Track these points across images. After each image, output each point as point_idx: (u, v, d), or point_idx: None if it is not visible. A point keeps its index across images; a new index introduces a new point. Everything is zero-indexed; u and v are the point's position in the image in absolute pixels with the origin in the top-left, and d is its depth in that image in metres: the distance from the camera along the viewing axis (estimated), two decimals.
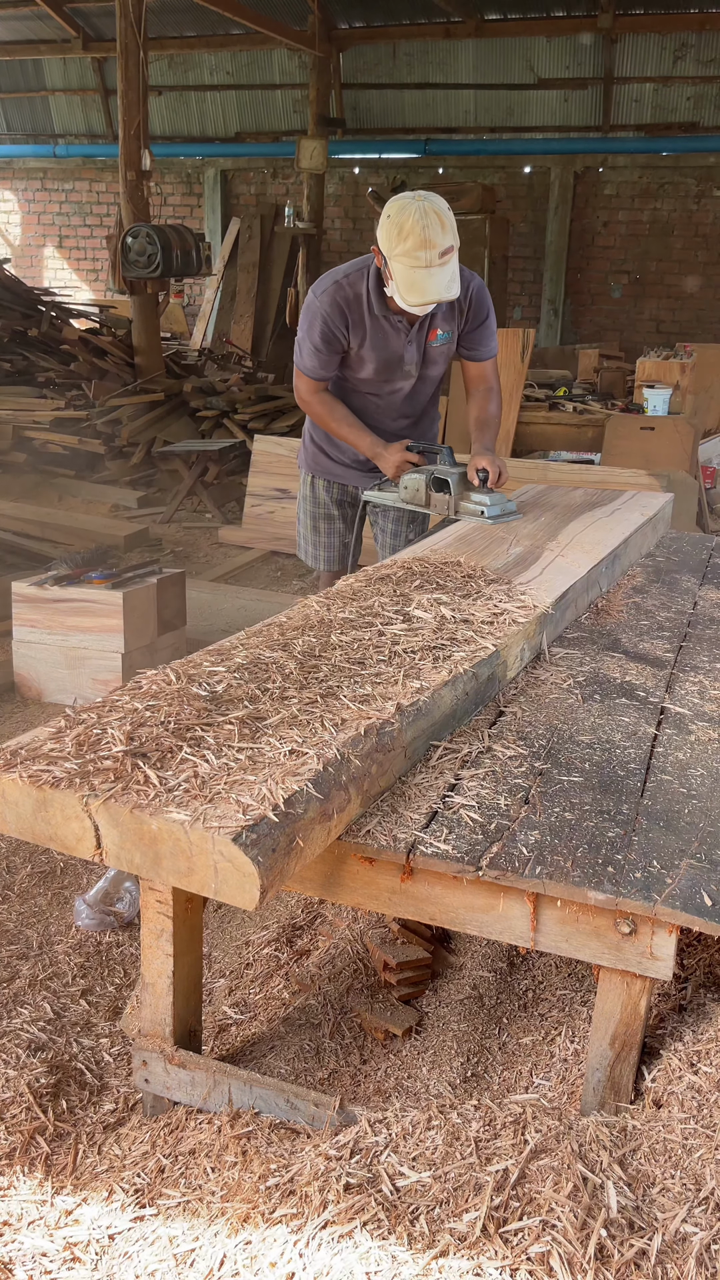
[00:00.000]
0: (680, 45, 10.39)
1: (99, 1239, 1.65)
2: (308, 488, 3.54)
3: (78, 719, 1.67)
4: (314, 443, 3.47)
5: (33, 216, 13.86)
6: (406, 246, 2.80)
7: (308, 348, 3.13)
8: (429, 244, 2.79)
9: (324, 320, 3.06)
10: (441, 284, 2.86)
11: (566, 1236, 1.30)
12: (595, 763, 1.88)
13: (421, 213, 2.80)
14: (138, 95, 7.88)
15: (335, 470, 3.46)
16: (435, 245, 2.80)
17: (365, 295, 3.05)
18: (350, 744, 1.63)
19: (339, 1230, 1.40)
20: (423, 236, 2.78)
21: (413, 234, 2.78)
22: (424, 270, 2.82)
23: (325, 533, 3.54)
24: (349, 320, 3.07)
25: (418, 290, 2.86)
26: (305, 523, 3.58)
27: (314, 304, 3.09)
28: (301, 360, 3.17)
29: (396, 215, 2.83)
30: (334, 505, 3.50)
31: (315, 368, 3.15)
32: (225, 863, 1.37)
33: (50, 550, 5.72)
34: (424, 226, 2.78)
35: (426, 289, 2.85)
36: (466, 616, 2.21)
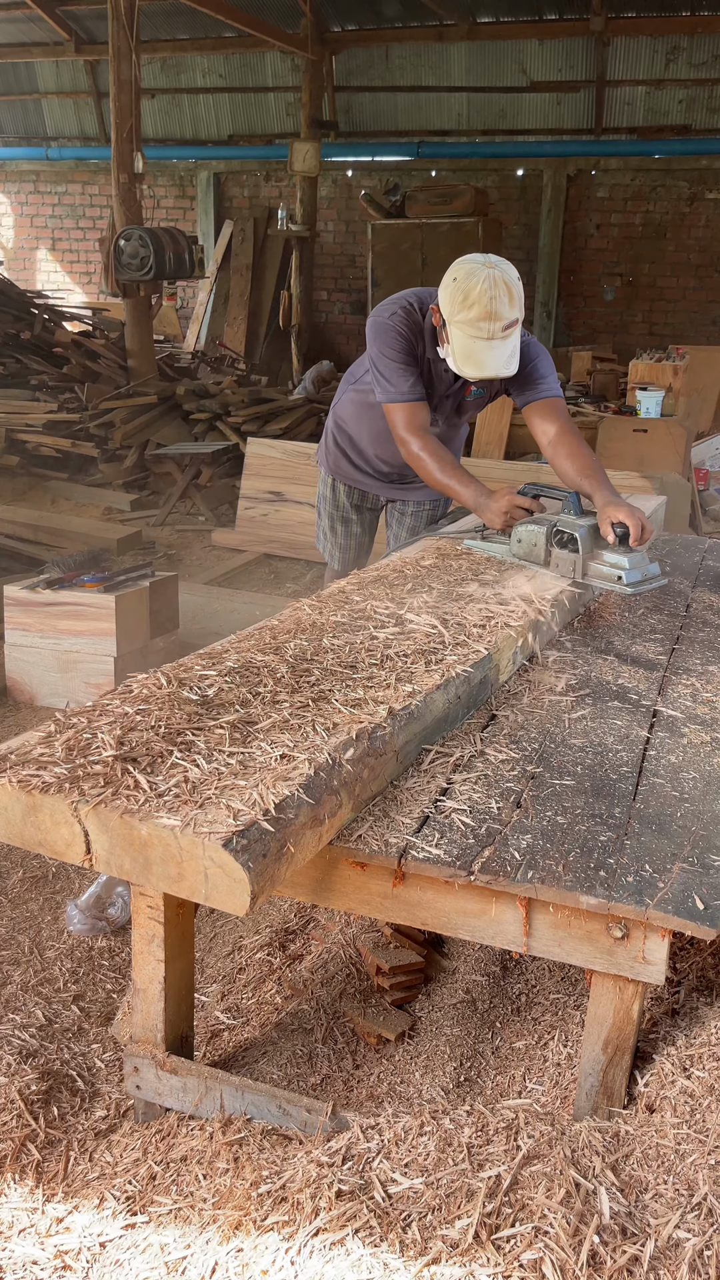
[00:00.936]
0: (672, 48, 10.41)
1: (90, 1247, 1.63)
2: (327, 488, 3.45)
3: (68, 723, 1.66)
4: (337, 446, 3.34)
5: (25, 219, 13.84)
6: (470, 315, 2.61)
7: (393, 369, 2.85)
8: (495, 315, 2.60)
9: (401, 335, 2.85)
10: (501, 359, 2.68)
11: (559, 1243, 1.29)
12: (588, 766, 1.87)
13: (491, 282, 2.60)
14: (130, 98, 7.87)
15: (357, 477, 3.37)
16: (501, 318, 2.61)
17: (424, 329, 2.87)
18: (342, 748, 1.62)
19: (331, 1237, 1.39)
20: (488, 308, 2.59)
21: (478, 304, 2.60)
22: (485, 342, 2.64)
23: (342, 535, 3.47)
24: (415, 345, 2.87)
25: (474, 363, 2.68)
26: (324, 522, 3.51)
27: (385, 324, 2.87)
28: (391, 389, 2.86)
29: (464, 280, 2.63)
30: (353, 510, 3.43)
31: (411, 387, 2.86)
32: (215, 868, 1.36)
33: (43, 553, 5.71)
34: (491, 298, 2.59)
35: (484, 363, 2.67)
36: (459, 620, 2.21)
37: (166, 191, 12.99)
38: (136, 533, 6.40)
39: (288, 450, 6.62)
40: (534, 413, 2.93)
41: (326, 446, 3.41)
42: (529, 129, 11.37)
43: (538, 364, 2.91)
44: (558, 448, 2.88)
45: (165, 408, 8.03)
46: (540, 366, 2.92)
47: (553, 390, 2.94)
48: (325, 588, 2.52)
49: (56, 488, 7.43)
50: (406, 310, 2.87)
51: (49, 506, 7.13)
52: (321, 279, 12.35)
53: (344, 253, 12.33)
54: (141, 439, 7.74)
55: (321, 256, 12.26)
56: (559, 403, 2.94)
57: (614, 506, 2.66)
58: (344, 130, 11.84)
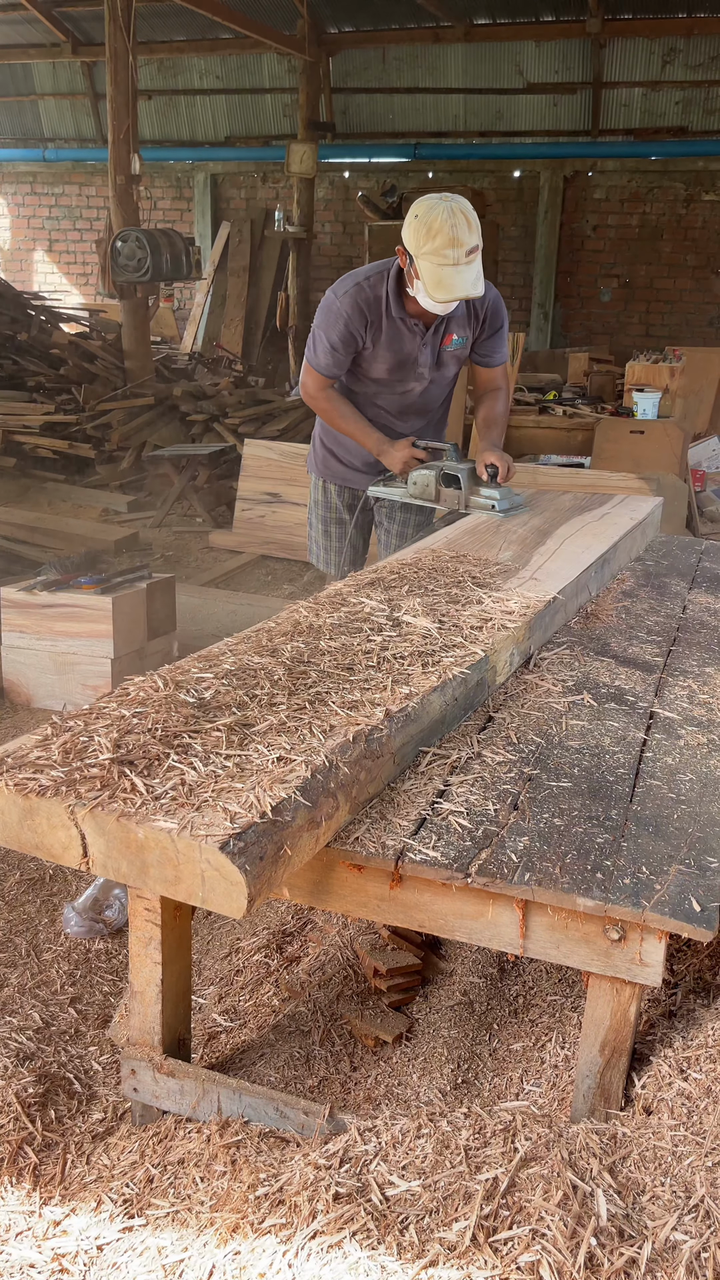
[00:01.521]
0: (669, 49, 10.42)
1: (87, 1250, 1.63)
2: (319, 492, 3.56)
3: (64, 726, 1.66)
4: (324, 446, 3.50)
5: (22, 220, 13.84)
6: (435, 244, 2.84)
7: (323, 345, 3.18)
8: (457, 242, 2.84)
9: (344, 320, 3.11)
10: (468, 281, 2.91)
11: (556, 1245, 1.29)
12: (584, 768, 1.87)
13: (449, 212, 2.85)
14: (127, 99, 7.87)
15: (346, 474, 3.48)
16: (463, 243, 2.85)
17: (385, 297, 3.10)
18: (339, 750, 1.62)
19: (328, 1240, 1.39)
20: (451, 235, 2.83)
21: (441, 232, 2.83)
22: (451, 268, 2.87)
23: (336, 537, 3.56)
24: (367, 321, 3.12)
25: (445, 287, 2.91)
26: (317, 527, 3.60)
27: (335, 304, 3.13)
28: (315, 357, 3.22)
29: (425, 215, 2.87)
30: (345, 510, 3.53)
31: (329, 365, 3.20)
32: (212, 871, 1.36)
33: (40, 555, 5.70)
34: (452, 225, 2.84)
35: (454, 285, 2.90)
36: (456, 621, 2.21)
37: (163, 193, 13.00)
38: (133, 534, 6.40)
39: (285, 452, 6.62)
40: (482, 373, 3.42)
41: (314, 450, 3.54)
42: (526, 130, 11.39)
43: (504, 330, 3.34)
44: (483, 399, 3.44)
45: (162, 409, 8.03)
46: (504, 331, 3.35)
47: (504, 357, 3.41)
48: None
49: (53, 489, 7.42)
50: (357, 287, 3.12)
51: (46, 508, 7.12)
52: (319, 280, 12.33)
53: (341, 254, 12.34)
54: (138, 440, 7.74)
55: (319, 258, 12.26)
56: (503, 368, 3.44)
57: (488, 452, 3.26)
58: (341, 132, 11.85)
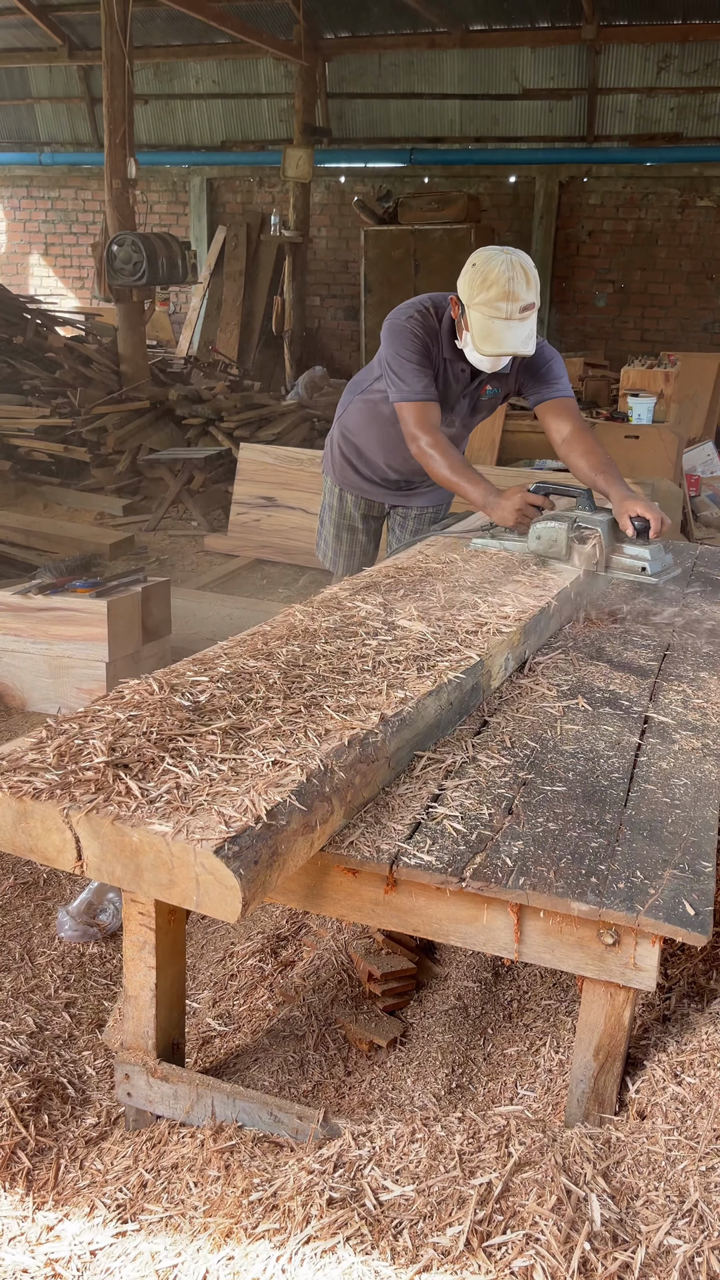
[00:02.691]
0: (664, 56, 10.45)
1: (80, 1255, 1.63)
2: (333, 497, 3.50)
3: (59, 729, 1.66)
4: (344, 456, 3.41)
5: (18, 224, 13.83)
6: (489, 296, 2.76)
7: (409, 369, 2.96)
8: (512, 296, 2.75)
9: (417, 338, 2.97)
10: (519, 338, 2.81)
11: (550, 1250, 1.29)
12: (579, 772, 1.88)
13: (509, 265, 2.77)
14: (123, 104, 7.88)
15: (364, 487, 3.42)
16: (518, 299, 2.76)
17: (439, 331, 3.00)
18: (333, 755, 1.62)
19: (322, 1245, 1.39)
20: (507, 289, 2.75)
21: (496, 284, 2.75)
22: (503, 321, 2.78)
23: (347, 543, 3.53)
24: (430, 346, 2.99)
25: (494, 341, 2.81)
26: (328, 529, 3.56)
27: (401, 325, 2.99)
28: (405, 388, 2.97)
29: (483, 265, 2.79)
30: (359, 519, 3.49)
31: (425, 387, 2.97)
32: (207, 875, 1.36)
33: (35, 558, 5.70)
34: (509, 279, 2.75)
35: (504, 340, 2.80)
36: (451, 626, 2.21)
37: (159, 197, 12.99)
38: (129, 538, 6.40)
39: (280, 456, 6.62)
40: (548, 411, 3.05)
41: (333, 457, 3.46)
42: (521, 136, 11.40)
43: (552, 365, 3.04)
44: (572, 445, 3.00)
45: (158, 413, 8.03)
46: (555, 367, 3.05)
47: (566, 391, 3.06)
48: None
49: (49, 493, 7.42)
50: (423, 314, 2.98)
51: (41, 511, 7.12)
52: (314, 285, 12.37)
53: (337, 259, 12.34)
54: (134, 444, 7.74)
55: (314, 262, 12.27)
56: (572, 403, 3.06)
57: (631, 501, 2.82)
58: (337, 136, 11.86)
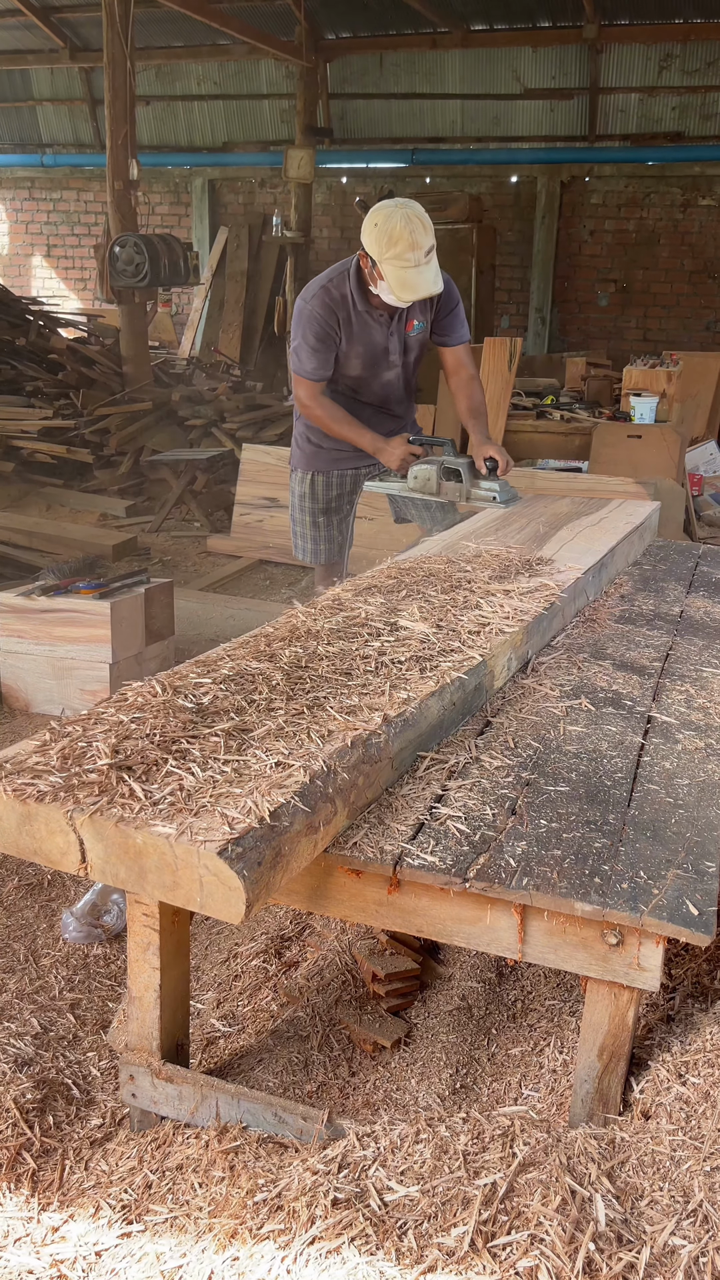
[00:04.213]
0: (665, 56, 10.44)
1: (86, 1256, 1.63)
2: (304, 486, 3.70)
3: (63, 732, 1.66)
4: (311, 442, 3.65)
5: (20, 226, 13.85)
6: (397, 250, 3.10)
7: (305, 351, 3.35)
8: (416, 245, 3.10)
9: (318, 321, 3.31)
10: (429, 279, 3.18)
11: (555, 1250, 1.29)
12: (582, 773, 1.88)
13: (406, 218, 3.11)
14: (125, 105, 7.89)
15: (340, 459, 3.62)
16: (421, 246, 3.12)
17: (349, 295, 3.32)
18: (337, 756, 1.62)
19: (327, 1246, 1.39)
20: (410, 239, 3.09)
21: (401, 238, 3.09)
22: (414, 269, 3.13)
23: (325, 526, 3.71)
24: (338, 319, 3.33)
25: (409, 287, 3.17)
26: (304, 520, 3.73)
27: (305, 308, 3.35)
28: (301, 365, 3.38)
29: (384, 223, 3.12)
30: (334, 499, 3.68)
31: (316, 368, 3.37)
32: (210, 877, 1.36)
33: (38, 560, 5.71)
34: (410, 230, 3.10)
35: (418, 285, 3.17)
36: (454, 626, 2.21)
37: (161, 198, 13.00)
38: (132, 539, 6.40)
39: (283, 456, 6.61)
40: (449, 354, 3.56)
41: (299, 446, 3.71)
42: (523, 136, 11.40)
43: (457, 311, 3.49)
44: (461, 389, 3.57)
45: (160, 414, 8.03)
46: (459, 312, 3.51)
47: (466, 335, 3.56)
48: (316, 587, 2.63)
49: (51, 494, 7.42)
50: (323, 290, 3.34)
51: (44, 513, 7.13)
52: None
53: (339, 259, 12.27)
54: (136, 445, 7.74)
55: (316, 263, 12.24)
56: (468, 349, 3.58)
57: (485, 445, 3.42)
58: (338, 137, 11.86)
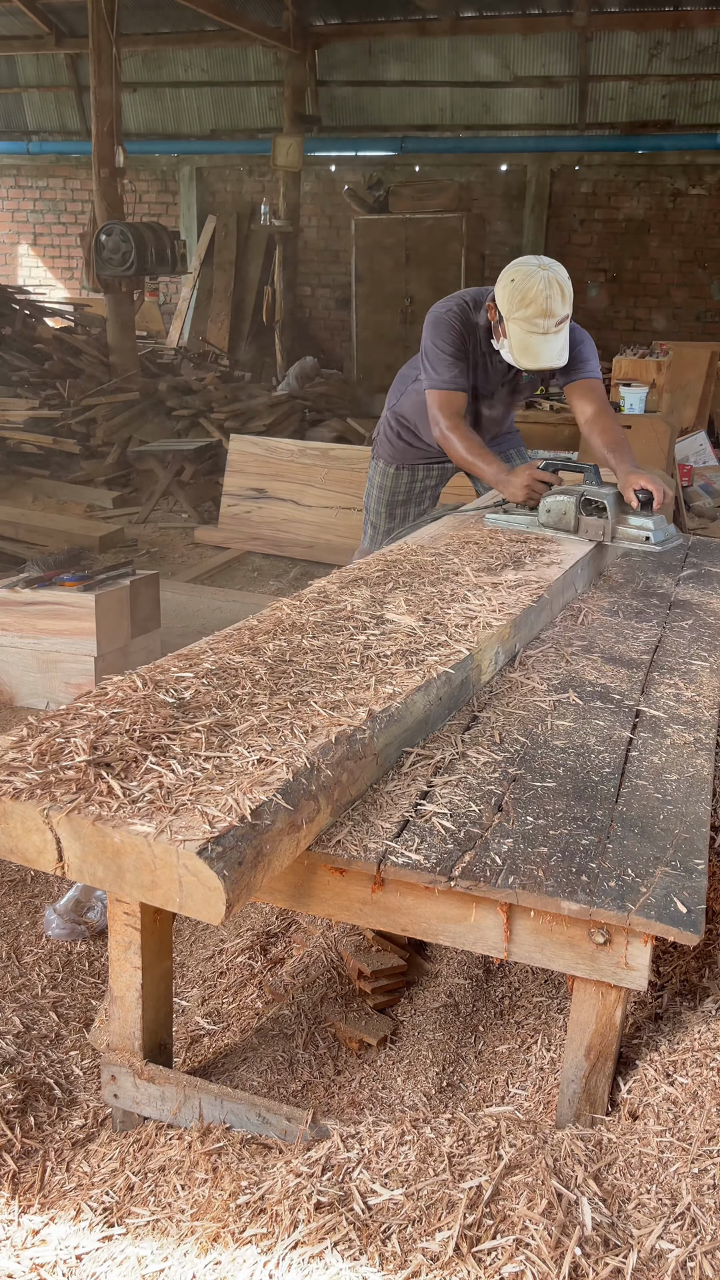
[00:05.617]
0: (655, 43, 10.40)
1: (66, 1259, 1.61)
2: (386, 478, 3.66)
3: (40, 727, 1.63)
4: (401, 440, 3.57)
5: (6, 214, 13.74)
6: (527, 313, 2.93)
7: (441, 359, 3.16)
8: (550, 314, 2.93)
9: (455, 331, 3.15)
10: (554, 351, 3.00)
11: (540, 1255, 1.27)
12: (570, 768, 1.85)
13: (546, 283, 2.92)
14: (111, 92, 7.82)
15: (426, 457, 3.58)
16: (555, 315, 2.93)
17: (479, 326, 3.17)
18: (320, 752, 1.59)
19: (309, 1251, 1.37)
20: (545, 306, 2.92)
21: (535, 302, 2.91)
22: (540, 337, 2.96)
23: (401, 518, 3.67)
24: (467, 339, 3.18)
25: (532, 356, 2.99)
26: (377, 511, 3.70)
27: (443, 317, 3.17)
28: (438, 376, 3.17)
29: (521, 282, 2.94)
30: (416, 492, 3.66)
31: (454, 377, 3.17)
32: (190, 876, 1.33)
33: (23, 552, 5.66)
34: (547, 297, 2.91)
35: (540, 355, 2.99)
36: (441, 620, 2.18)
37: (148, 186, 12.91)
38: (118, 530, 6.36)
39: (270, 447, 6.58)
40: (574, 392, 3.27)
41: (389, 441, 3.62)
42: (512, 124, 11.34)
43: (582, 348, 3.22)
44: (593, 424, 3.23)
45: (147, 404, 7.98)
46: (584, 351, 3.23)
47: (593, 372, 3.26)
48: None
49: (37, 485, 7.37)
50: (462, 308, 3.18)
51: (30, 504, 7.07)
52: (305, 274, 12.30)
53: (327, 248, 12.28)
54: (123, 436, 7.69)
55: (305, 252, 12.20)
56: (598, 384, 3.28)
57: (636, 475, 3.00)
58: (327, 125, 11.78)
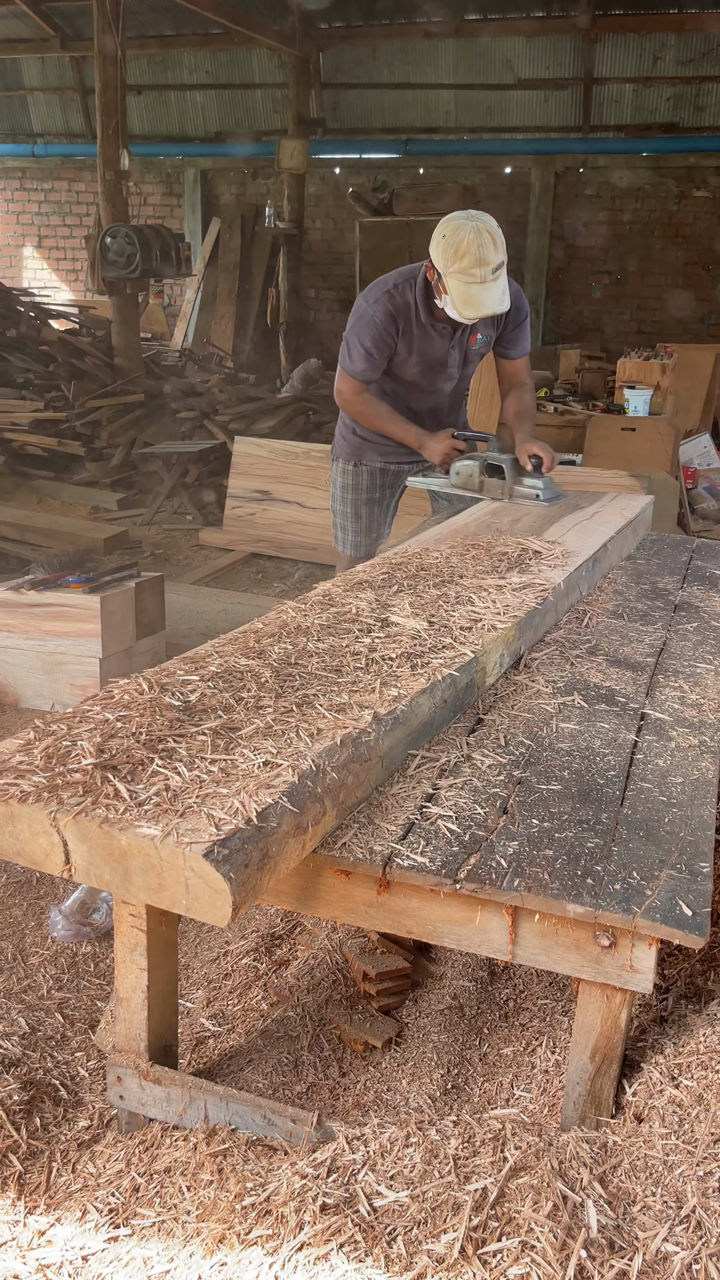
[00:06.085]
0: (659, 46, 10.40)
1: (72, 1260, 1.61)
2: (348, 478, 3.65)
3: (47, 730, 1.63)
4: (356, 434, 3.58)
5: (11, 216, 13.76)
6: (463, 264, 2.99)
7: (359, 352, 3.28)
8: (484, 261, 2.99)
9: (378, 326, 3.22)
10: (494, 297, 3.06)
11: (546, 1258, 1.27)
12: (574, 771, 1.85)
13: (476, 231, 2.99)
14: (115, 95, 7.84)
15: (384, 453, 3.57)
16: (489, 262, 3.00)
17: (413, 303, 3.22)
18: (326, 754, 1.60)
19: (315, 1252, 1.37)
20: (478, 255, 2.98)
21: (469, 253, 2.97)
22: (479, 286, 3.02)
23: (367, 518, 3.67)
24: (399, 327, 3.24)
25: (473, 304, 3.05)
26: (345, 512, 3.69)
27: (367, 311, 3.24)
28: (350, 363, 3.32)
29: (452, 235, 3.01)
30: (378, 489, 3.64)
31: (364, 371, 3.30)
32: (196, 879, 1.34)
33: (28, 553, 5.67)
34: (479, 245, 2.98)
35: (482, 303, 3.06)
36: (445, 622, 2.19)
37: (153, 189, 12.93)
38: (123, 532, 6.37)
39: (275, 449, 6.59)
40: (506, 364, 3.53)
41: (344, 437, 3.63)
42: (516, 126, 11.35)
43: (525, 325, 3.42)
44: (510, 398, 3.56)
45: (152, 406, 7.99)
46: (525, 326, 3.43)
47: (526, 348, 3.51)
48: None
49: (42, 487, 7.38)
50: (390, 295, 3.22)
51: (35, 506, 7.09)
52: (309, 277, 12.31)
53: (332, 250, 12.29)
54: (128, 438, 7.70)
55: (309, 254, 12.21)
56: (526, 361, 3.55)
57: (530, 443, 3.35)
58: (331, 127, 11.80)
